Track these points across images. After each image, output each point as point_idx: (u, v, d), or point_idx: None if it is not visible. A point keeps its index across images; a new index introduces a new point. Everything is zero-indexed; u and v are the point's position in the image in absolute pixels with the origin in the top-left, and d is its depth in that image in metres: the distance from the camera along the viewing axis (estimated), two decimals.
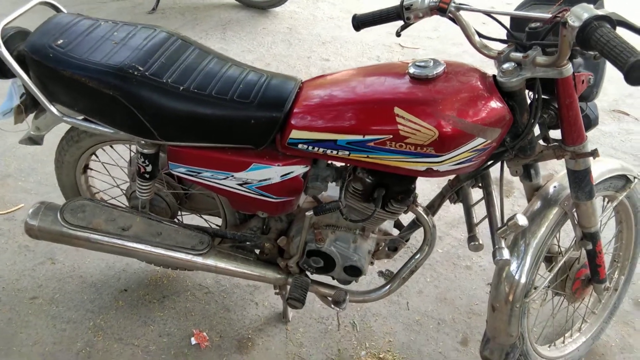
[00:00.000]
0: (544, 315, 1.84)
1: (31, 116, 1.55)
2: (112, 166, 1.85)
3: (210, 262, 1.57)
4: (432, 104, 1.19)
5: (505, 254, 1.27)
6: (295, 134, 1.29)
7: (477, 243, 1.38)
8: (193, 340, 1.80)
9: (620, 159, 2.53)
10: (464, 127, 1.18)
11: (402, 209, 1.41)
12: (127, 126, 1.36)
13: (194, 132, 1.34)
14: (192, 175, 1.42)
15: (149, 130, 1.33)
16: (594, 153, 1.29)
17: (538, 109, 1.23)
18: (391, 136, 1.21)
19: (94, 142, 1.61)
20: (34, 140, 1.59)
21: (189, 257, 1.56)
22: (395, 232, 1.61)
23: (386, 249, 1.62)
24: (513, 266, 1.40)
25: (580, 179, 1.33)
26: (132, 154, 1.68)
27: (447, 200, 1.54)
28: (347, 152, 1.27)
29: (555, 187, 1.46)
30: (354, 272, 1.53)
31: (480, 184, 1.47)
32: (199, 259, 1.56)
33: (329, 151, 1.29)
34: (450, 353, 1.82)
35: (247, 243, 1.62)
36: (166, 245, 1.55)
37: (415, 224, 1.55)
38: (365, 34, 3.87)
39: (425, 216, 1.47)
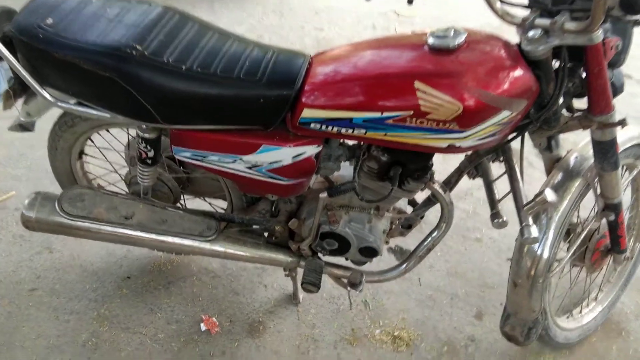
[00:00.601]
0: (561, 287, 1.81)
1: (20, 101, 1.45)
2: (109, 150, 1.76)
3: (219, 248, 1.51)
4: (455, 76, 1.11)
5: (534, 231, 1.23)
6: (307, 113, 1.21)
7: (501, 220, 1.32)
8: (203, 327, 1.75)
9: None
10: (489, 100, 1.11)
11: (419, 186, 1.35)
12: (127, 110, 1.27)
13: (199, 114, 1.26)
14: (197, 160, 1.34)
15: (151, 113, 1.25)
16: (622, 122, 1.23)
17: (564, 78, 1.17)
18: (412, 112, 1.14)
19: (89, 127, 1.52)
20: (24, 126, 1.50)
21: (197, 243, 1.49)
22: (410, 209, 1.56)
23: (400, 227, 1.57)
24: None
25: (606, 150, 1.28)
26: (130, 137, 1.60)
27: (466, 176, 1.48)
28: (363, 131, 1.20)
29: (576, 158, 1.41)
30: (370, 253, 1.48)
31: (501, 158, 1.41)
32: (208, 245, 1.50)
33: (343, 130, 1.21)
34: (465, 327, 1.79)
35: (256, 226, 1.56)
36: (173, 233, 1.48)
37: (430, 201, 1.50)
38: (359, 1, 3.75)
39: (442, 193, 1.41)
